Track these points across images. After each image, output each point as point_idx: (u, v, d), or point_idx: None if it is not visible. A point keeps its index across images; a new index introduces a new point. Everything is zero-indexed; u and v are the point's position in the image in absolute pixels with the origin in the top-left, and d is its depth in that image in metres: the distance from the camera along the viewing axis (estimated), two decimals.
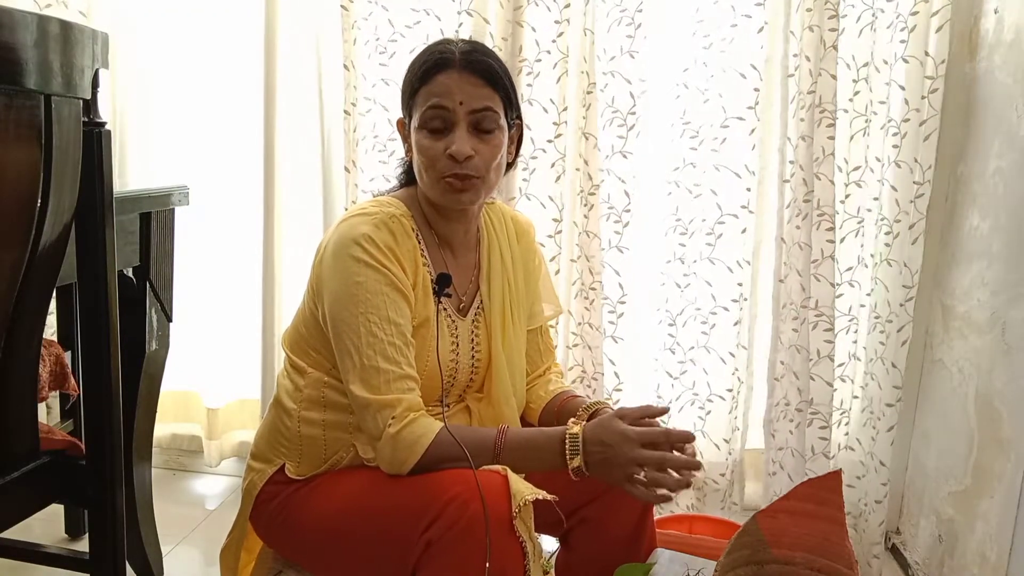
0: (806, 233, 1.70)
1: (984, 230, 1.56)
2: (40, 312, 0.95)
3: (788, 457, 1.78)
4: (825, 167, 1.68)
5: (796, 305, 1.73)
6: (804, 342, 1.72)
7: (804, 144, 1.67)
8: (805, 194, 1.68)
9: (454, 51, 1.06)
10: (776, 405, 1.79)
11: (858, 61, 1.70)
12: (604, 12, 1.74)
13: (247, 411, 2.19)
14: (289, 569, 1.15)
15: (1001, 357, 1.45)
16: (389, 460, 1.00)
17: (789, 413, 1.77)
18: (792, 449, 1.77)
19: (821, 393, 1.75)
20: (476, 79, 1.05)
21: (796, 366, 1.74)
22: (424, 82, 1.06)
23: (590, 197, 1.79)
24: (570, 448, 0.99)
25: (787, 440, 1.77)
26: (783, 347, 1.77)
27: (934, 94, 1.63)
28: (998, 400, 1.46)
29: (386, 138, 1.86)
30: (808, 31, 1.64)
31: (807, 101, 1.66)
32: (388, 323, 1.02)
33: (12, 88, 0.81)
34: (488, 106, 1.06)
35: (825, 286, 1.72)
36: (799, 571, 1.04)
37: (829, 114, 1.66)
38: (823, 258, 1.71)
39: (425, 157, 1.06)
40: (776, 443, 1.79)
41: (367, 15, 1.81)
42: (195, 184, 1.55)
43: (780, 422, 1.78)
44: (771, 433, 1.80)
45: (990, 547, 1.45)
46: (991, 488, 1.46)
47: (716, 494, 1.91)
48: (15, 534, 1.15)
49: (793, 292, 1.74)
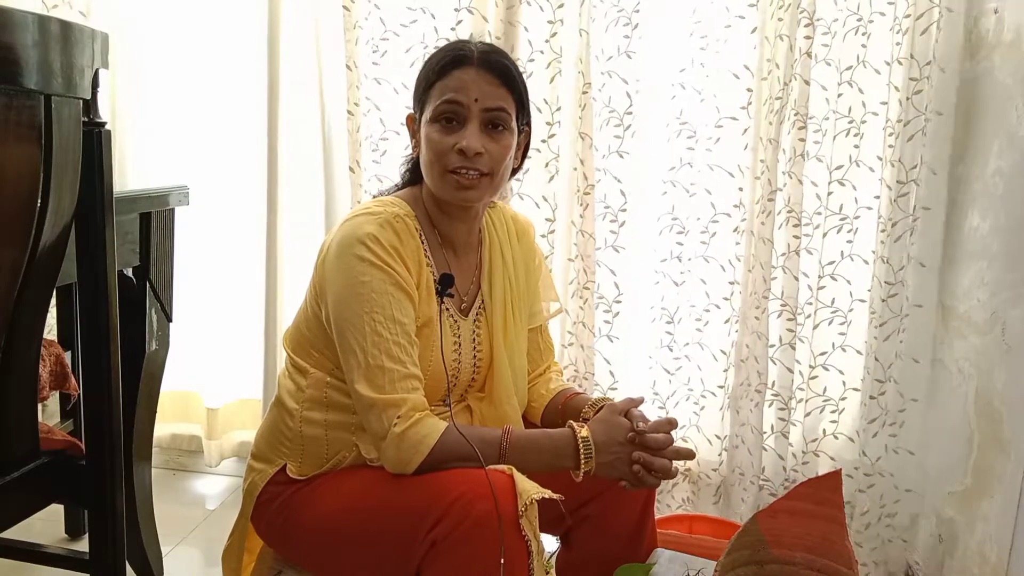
0: (769, 229, 1.75)
1: (984, 230, 1.56)
2: (40, 312, 0.95)
3: (748, 433, 1.84)
4: (796, 167, 1.72)
5: (759, 295, 1.79)
6: (764, 329, 1.78)
7: (772, 146, 1.72)
8: (769, 192, 1.74)
9: (472, 49, 1.08)
10: (740, 385, 1.85)
11: (842, 64, 1.72)
12: (602, 12, 1.74)
13: (247, 411, 2.19)
14: (290, 569, 1.15)
15: (1001, 357, 1.45)
16: (394, 460, 1.00)
17: (750, 393, 1.83)
18: (752, 426, 1.83)
19: (782, 377, 1.81)
20: (493, 78, 1.07)
21: (757, 351, 1.80)
22: (440, 77, 1.07)
23: (585, 197, 1.80)
24: (584, 452, 1.02)
25: (748, 418, 1.83)
26: (747, 332, 1.82)
27: (917, 95, 1.65)
28: (998, 400, 1.46)
29: (378, 137, 1.87)
30: (779, 39, 1.69)
31: (775, 105, 1.71)
32: (393, 322, 1.02)
33: (12, 88, 0.81)
34: (502, 106, 1.07)
35: (790, 279, 1.77)
36: (799, 571, 1.04)
37: (801, 117, 1.70)
38: (789, 252, 1.76)
39: (434, 151, 1.07)
40: (739, 419, 1.86)
41: (366, 15, 1.81)
42: (195, 184, 1.55)
43: (742, 400, 1.85)
44: (735, 410, 1.87)
45: (990, 547, 1.45)
46: (991, 488, 1.46)
47: (709, 488, 1.93)
48: (15, 534, 1.15)
49: (757, 283, 1.80)
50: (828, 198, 1.78)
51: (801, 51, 1.67)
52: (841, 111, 1.74)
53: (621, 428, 1.04)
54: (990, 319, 1.50)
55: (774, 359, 1.81)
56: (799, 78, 1.68)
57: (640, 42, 1.75)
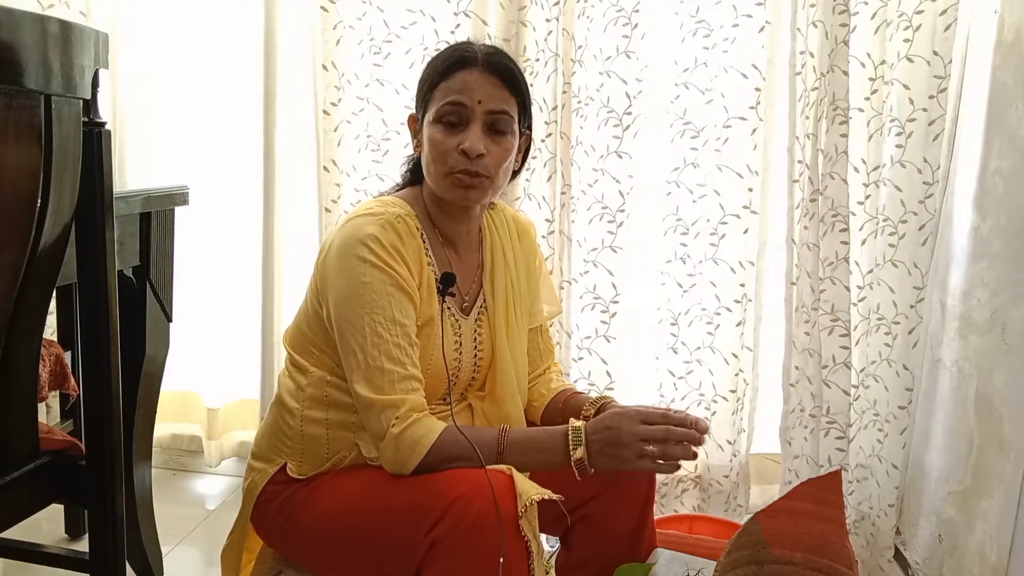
0: (814, 234, 1.66)
1: (984, 230, 1.56)
2: (40, 312, 0.95)
3: (803, 465, 1.75)
4: (839, 167, 1.62)
5: (807, 308, 1.69)
6: (816, 346, 1.68)
7: (810, 143, 1.65)
8: (811, 193, 1.66)
9: (477, 52, 1.08)
10: (792, 412, 1.75)
11: (874, 59, 1.67)
12: (601, 11, 1.74)
13: (247, 411, 2.19)
14: (290, 569, 1.15)
15: (1001, 357, 1.45)
16: (392, 460, 1.00)
17: (804, 420, 1.73)
18: (807, 457, 1.73)
19: (838, 401, 1.68)
20: (497, 81, 1.07)
21: (809, 371, 1.70)
22: (444, 77, 1.08)
23: (562, 196, 1.79)
24: (572, 440, 1.00)
25: (802, 448, 1.74)
26: (796, 351, 1.72)
27: (942, 93, 1.62)
28: (998, 400, 1.46)
29: (380, 137, 1.87)
30: (812, 27, 1.62)
31: (812, 98, 1.65)
32: (393, 324, 1.02)
33: (12, 88, 0.81)
34: (505, 109, 1.08)
35: (840, 290, 1.66)
36: (799, 571, 1.04)
37: (842, 112, 1.60)
38: (838, 260, 1.65)
39: (436, 151, 1.07)
40: (792, 451, 1.76)
41: (361, 15, 1.81)
42: (195, 184, 1.55)
43: (795, 429, 1.75)
44: (787, 440, 1.77)
45: (990, 547, 1.45)
46: (991, 488, 1.46)
47: (720, 495, 1.91)
48: (15, 534, 1.15)
49: (804, 295, 1.70)
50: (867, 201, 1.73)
51: (838, 40, 1.58)
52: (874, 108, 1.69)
53: (613, 413, 1.01)
54: (990, 319, 1.50)
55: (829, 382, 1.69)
56: (837, 69, 1.59)
57: (640, 42, 1.74)
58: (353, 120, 1.86)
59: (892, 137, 1.70)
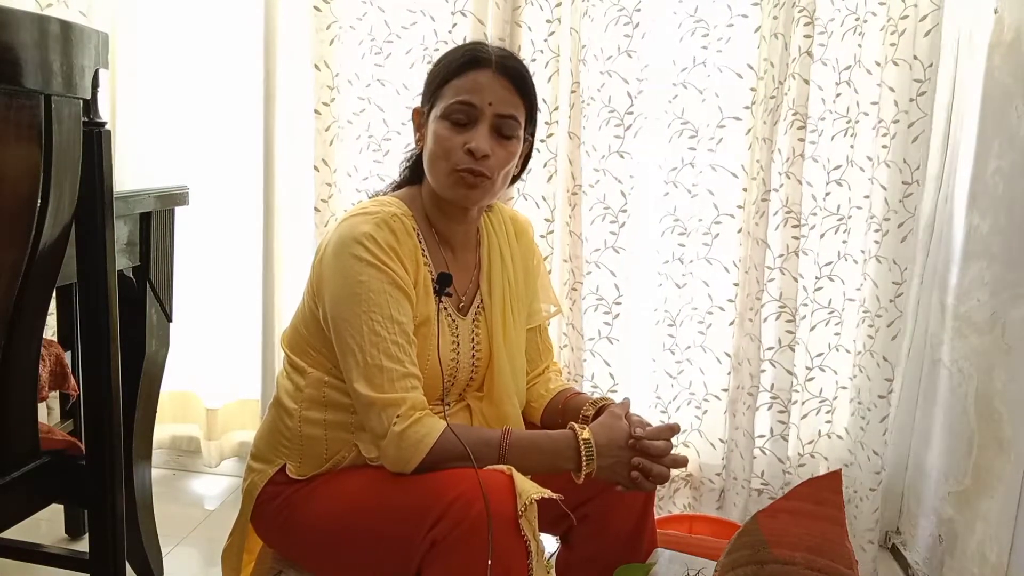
0: (763, 230, 1.75)
1: (984, 230, 1.56)
2: (40, 312, 0.95)
3: (741, 437, 1.84)
4: (795, 167, 1.72)
5: (752, 296, 1.79)
6: (757, 331, 1.78)
7: (765, 145, 1.72)
8: (763, 192, 1.73)
9: (491, 53, 1.09)
10: (738, 388, 1.85)
11: (840, 64, 1.72)
12: (601, 11, 1.74)
13: (247, 411, 2.19)
14: (290, 569, 1.15)
15: (1001, 357, 1.45)
16: (393, 458, 1.00)
17: (742, 396, 1.83)
18: (744, 430, 1.83)
19: (781, 379, 1.81)
20: (509, 84, 1.08)
21: (750, 354, 1.81)
22: (456, 76, 1.08)
23: (572, 197, 1.80)
24: (586, 455, 1.02)
25: (741, 421, 1.84)
26: (743, 335, 1.83)
27: (922, 96, 1.64)
28: (998, 400, 1.46)
29: (381, 137, 1.87)
30: (774, 38, 1.69)
31: (770, 104, 1.71)
32: (391, 322, 1.02)
33: (12, 88, 0.81)
34: (513, 114, 1.09)
35: (788, 280, 1.76)
36: (799, 571, 1.04)
37: (800, 117, 1.70)
38: (788, 253, 1.76)
39: (441, 147, 1.07)
40: (735, 423, 1.86)
41: (361, 15, 1.81)
42: (195, 184, 1.55)
43: (738, 403, 1.85)
44: (732, 413, 1.87)
45: (990, 547, 1.45)
46: (991, 488, 1.46)
47: (712, 493, 1.93)
48: (15, 534, 1.15)
49: (750, 285, 1.80)
50: (828, 198, 1.78)
51: (801, 50, 1.67)
52: (839, 111, 1.74)
53: (622, 432, 1.04)
54: (990, 319, 1.50)
55: (773, 361, 1.81)
56: (798, 77, 1.68)
57: (641, 41, 1.75)
58: (354, 120, 1.86)
59: (879, 138, 1.72)
